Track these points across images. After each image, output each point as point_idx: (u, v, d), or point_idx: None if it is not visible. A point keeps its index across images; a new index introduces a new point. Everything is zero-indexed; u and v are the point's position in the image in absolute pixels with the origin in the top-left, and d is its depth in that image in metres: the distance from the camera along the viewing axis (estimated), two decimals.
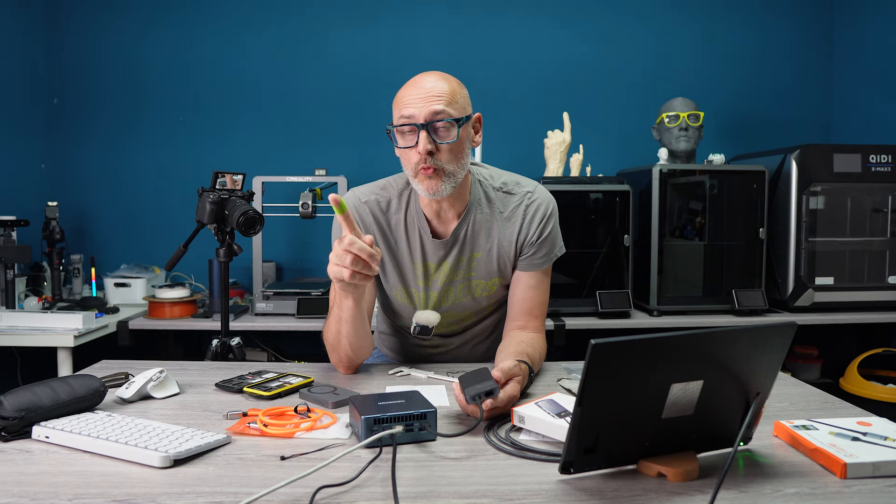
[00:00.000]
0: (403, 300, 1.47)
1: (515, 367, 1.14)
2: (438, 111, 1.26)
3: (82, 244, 2.99)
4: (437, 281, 1.44)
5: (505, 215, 1.43)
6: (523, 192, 1.44)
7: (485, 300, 1.48)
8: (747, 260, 2.57)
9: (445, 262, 1.43)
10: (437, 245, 1.42)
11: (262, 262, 2.56)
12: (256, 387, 1.23)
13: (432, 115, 1.26)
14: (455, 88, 1.30)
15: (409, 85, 1.31)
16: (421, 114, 1.26)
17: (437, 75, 1.31)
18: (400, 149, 1.32)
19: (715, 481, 0.79)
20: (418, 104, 1.26)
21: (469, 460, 0.93)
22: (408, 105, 1.27)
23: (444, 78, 1.31)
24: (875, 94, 2.94)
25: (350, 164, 2.94)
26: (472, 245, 1.43)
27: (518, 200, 1.44)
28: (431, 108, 1.26)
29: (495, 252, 1.43)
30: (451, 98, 1.28)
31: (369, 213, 1.42)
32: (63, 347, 2.18)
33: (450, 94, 1.28)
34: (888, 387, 2.52)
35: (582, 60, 3.10)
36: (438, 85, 1.28)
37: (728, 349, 0.84)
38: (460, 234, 1.42)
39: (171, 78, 3.03)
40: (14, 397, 0.98)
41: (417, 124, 1.26)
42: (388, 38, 3.06)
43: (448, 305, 1.47)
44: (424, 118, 1.26)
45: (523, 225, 1.42)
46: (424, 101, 1.26)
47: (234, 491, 0.82)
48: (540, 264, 1.44)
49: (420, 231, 1.42)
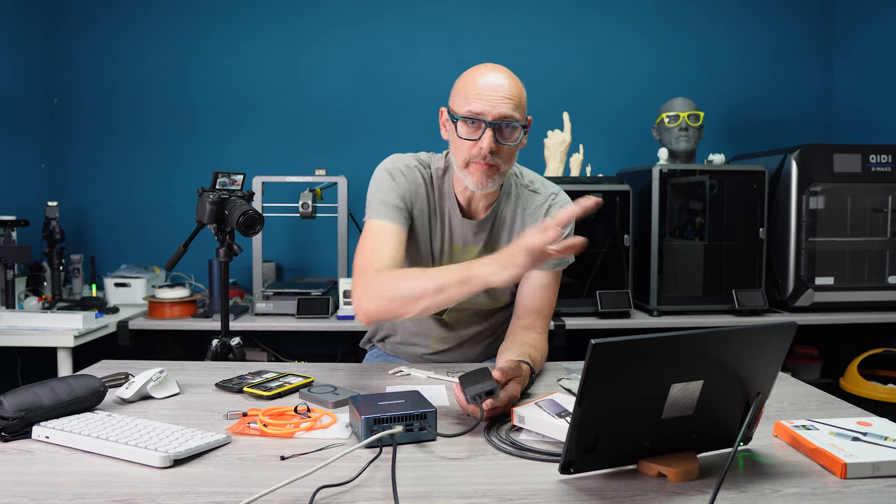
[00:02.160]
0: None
1: (516, 367, 1.14)
2: (508, 115, 1.26)
3: (82, 244, 2.99)
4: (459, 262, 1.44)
5: (528, 212, 1.45)
6: (548, 193, 1.47)
7: (498, 293, 1.49)
8: (747, 260, 2.57)
9: (472, 247, 1.45)
10: (465, 226, 1.43)
11: (262, 262, 2.56)
12: (256, 387, 1.23)
13: (501, 117, 1.26)
14: (522, 92, 1.32)
15: (478, 75, 1.29)
16: (491, 112, 1.26)
17: (507, 74, 1.30)
18: (458, 137, 1.30)
19: (715, 481, 0.79)
20: (489, 101, 1.26)
21: (469, 460, 0.93)
22: (479, 98, 1.26)
23: (513, 78, 1.30)
24: (875, 94, 2.94)
25: (350, 164, 2.93)
26: (496, 236, 1.45)
27: (542, 200, 1.46)
28: (502, 110, 1.26)
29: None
30: (519, 101, 1.29)
31: (419, 177, 1.42)
32: (63, 347, 2.18)
33: (519, 98, 1.29)
34: (888, 387, 2.52)
35: (582, 60, 3.10)
36: (509, 86, 1.28)
37: (728, 349, 0.84)
38: (487, 224, 1.44)
39: (172, 78, 3.03)
40: (14, 397, 0.98)
41: (485, 121, 1.26)
42: (389, 38, 3.06)
43: None
44: (494, 117, 1.26)
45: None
46: (496, 101, 1.26)
47: (234, 491, 0.82)
48: (553, 265, 1.44)
49: (450, 211, 1.44)
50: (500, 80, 1.28)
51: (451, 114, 1.33)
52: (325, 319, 2.42)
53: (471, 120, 1.27)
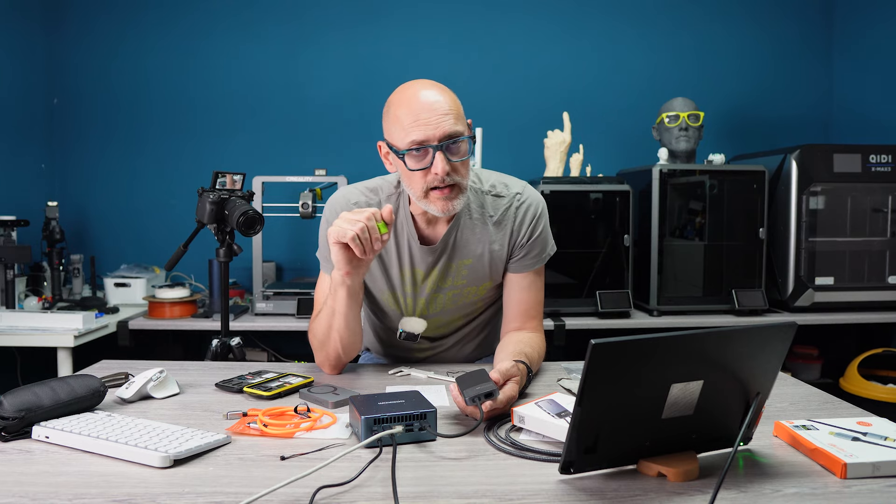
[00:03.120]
0: (391, 305, 1.46)
1: (513, 367, 1.14)
2: (452, 132, 1.22)
3: (82, 244, 2.99)
4: (424, 288, 1.42)
5: (495, 219, 1.40)
6: (512, 194, 1.41)
7: (476, 303, 1.48)
8: (747, 260, 2.57)
9: (434, 269, 1.40)
10: (425, 252, 1.39)
11: (262, 262, 2.56)
12: (256, 387, 1.23)
13: (447, 136, 1.22)
14: (456, 100, 1.27)
15: (409, 103, 1.24)
16: (435, 135, 1.21)
17: (436, 89, 1.25)
18: (408, 170, 1.25)
19: (715, 481, 0.79)
20: (430, 125, 1.21)
21: (469, 460, 0.93)
22: (418, 126, 1.21)
23: (443, 91, 1.26)
24: (875, 95, 2.94)
25: (350, 164, 2.93)
26: (461, 251, 1.40)
27: (507, 203, 1.41)
28: (445, 128, 1.22)
29: (487, 258, 1.40)
30: (458, 113, 1.25)
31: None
32: (63, 347, 2.18)
33: (457, 109, 1.25)
34: (888, 387, 2.52)
35: (582, 60, 3.10)
36: (443, 101, 1.23)
37: (728, 349, 0.84)
38: (449, 240, 1.38)
39: (172, 78, 3.03)
40: (14, 397, 0.98)
41: (432, 146, 1.22)
42: (389, 38, 3.06)
43: (436, 312, 1.45)
44: (439, 139, 1.22)
45: (514, 228, 1.40)
46: (436, 122, 1.21)
47: (234, 491, 0.82)
48: (531, 265, 1.42)
49: (409, 237, 1.39)
50: (432, 97, 1.23)
51: (392, 148, 1.27)
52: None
53: (416, 149, 1.22)
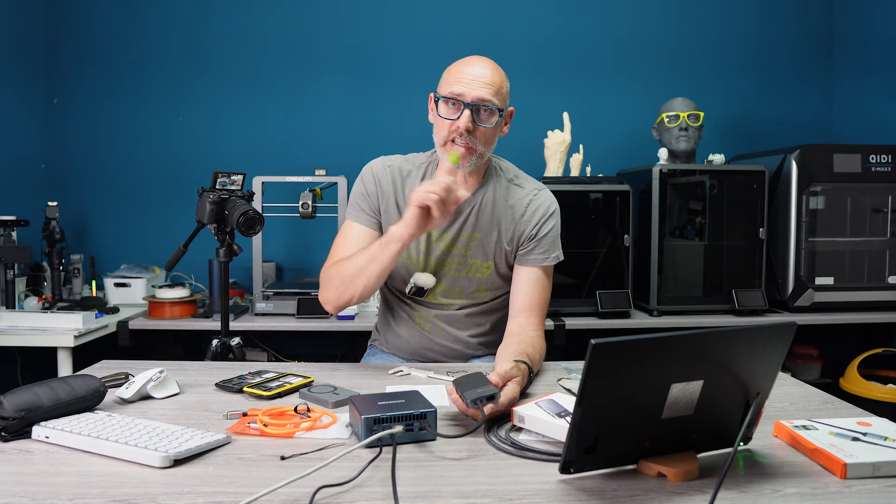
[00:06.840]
0: (402, 257, 1.51)
1: (513, 368, 1.15)
2: (486, 99, 1.38)
3: (82, 244, 2.99)
4: (436, 249, 1.52)
5: (510, 204, 1.52)
6: (531, 189, 1.55)
7: (477, 283, 1.53)
8: (747, 260, 2.57)
9: (447, 233, 1.50)
10: None
11: (262, 262, 2.56)
12: (256, 387, 1.23)
13: (479, 100, 1.38)
14: (503, 81, 1.43)
15: (464, 63, 1.42)
16: (470, 95, 1.38)
17: (490, 64, 1.43)
18: (439, 116, 1.42)
19: (715, 481, 0.79)
20: (469, 85, 1.38)
21: (469, 460, 0.93)
22: (460, 82, 1.39)
23: (496, 68, 1.42)
24: (875, 94, 2.94)
25: (350, 164, 2.92)
26: (474, 223, 1.50)
27: (524, 194, 1.53)
28: (480, 93, 1.38)
29: (494, 236, 1.51)
30: (498, 89, 1.40)
31: (389, 176, 1.53)
32: (63, 347, 2.18)
33: (498, 85, 1.41)
34: (888, 387, 2.52)
35: (582, 60, 3.10)
36: (491, 74, 1.40)
37: (728, 349, 0.84)
38: (465, 209, 1.50)
39: (172, 78, 3.03)
40: (14, 397, 0.98)
41: (464, 102, 1.38)
42: (389, 37, 3.05)
43: (443, 273, 1.53)
44: (472, 100, 1.38)
45: (524, 218, 1.51)
46: (476, 85, 1.38)
47: (234, 491, 0.82)
48: (539, 260, 1.49)
49: None
50: (482, 68, 1.41)
51: (436, 95, 1.45)
52: (326, 319, 2.42)
53: (451, 101, 1.39)
